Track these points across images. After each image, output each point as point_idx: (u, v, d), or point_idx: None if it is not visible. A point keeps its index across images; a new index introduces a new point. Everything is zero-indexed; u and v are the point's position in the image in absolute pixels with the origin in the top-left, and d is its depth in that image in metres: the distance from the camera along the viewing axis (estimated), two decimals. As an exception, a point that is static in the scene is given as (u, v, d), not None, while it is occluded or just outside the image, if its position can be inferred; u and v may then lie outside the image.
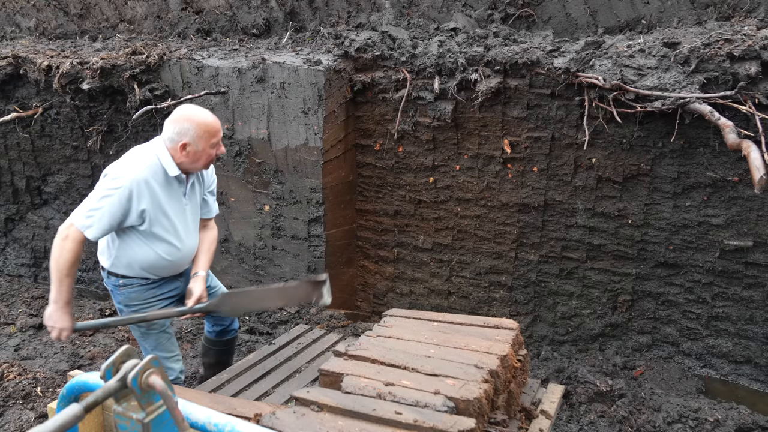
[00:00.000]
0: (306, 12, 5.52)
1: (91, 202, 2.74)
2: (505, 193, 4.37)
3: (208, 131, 2.83)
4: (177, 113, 2.86)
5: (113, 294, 3.06)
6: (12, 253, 6.24)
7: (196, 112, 2.86)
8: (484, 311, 4.65)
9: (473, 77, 4.13)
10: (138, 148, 2.93)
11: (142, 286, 2.99)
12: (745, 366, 3.98)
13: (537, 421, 2.63)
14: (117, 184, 2.74)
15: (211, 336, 3.60)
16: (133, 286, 2.98)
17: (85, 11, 6.51)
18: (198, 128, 2.81)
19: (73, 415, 1.15)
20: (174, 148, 2.84)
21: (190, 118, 2.82)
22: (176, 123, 2.82)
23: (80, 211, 2.74)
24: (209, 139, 2.84)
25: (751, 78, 3.48)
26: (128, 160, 2.84)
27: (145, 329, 3.04)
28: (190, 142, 2.81)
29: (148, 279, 2.99)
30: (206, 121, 2.83)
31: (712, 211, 3.86)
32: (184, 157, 2.85)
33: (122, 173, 2.76)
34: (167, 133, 2.84)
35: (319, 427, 1.97)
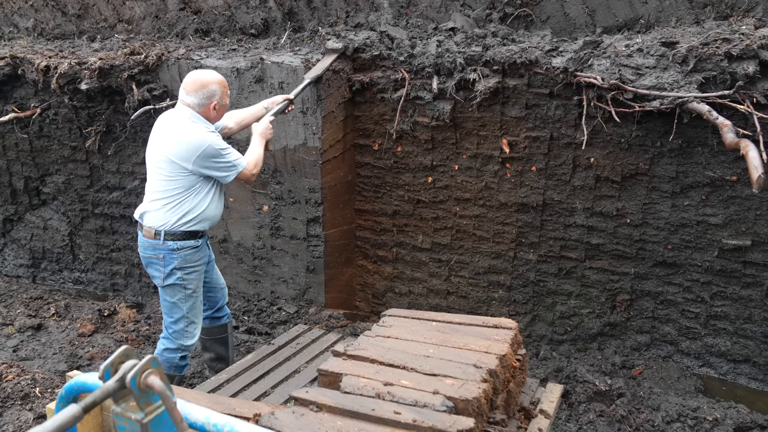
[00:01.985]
0: (304, 12, 5.51)
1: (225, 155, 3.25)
2: (504, 193, 4.37)
3: (226, 86, 3.35)
4: (194, 82, 3.25)
5: (166, 260, 3.31)
6: (10, 253, 6.23)
7: (210, 74, 3.31)
8: (483, 311, 4.66)
9: (472, 77, 4.13)
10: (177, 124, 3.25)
11: (193, 248, 3.35)
12: (744, 365, 3.99)
13: (536, 421, 2.64)
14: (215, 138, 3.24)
15: (205, 324, 3.73)
16: (188, 249, 3.33)
17: (84, 11, 6.50)
18: (221, 86, 3.29)
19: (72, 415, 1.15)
20: (205, 111, 3.26)
21: (212, 80, 3.27)
22: (201, 88, 3.23)
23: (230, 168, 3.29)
24: (227, 92, 3.35)
25: (749, 77, 3.48)
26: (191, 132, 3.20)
27: (192, 290, 3.39)
28: (218, 100, 3.28)
29: (198, 241, 3.37)
30: (222, 78, 3.33)
31: (710, 211, 3.87)
32: (215, 116, 3.33)
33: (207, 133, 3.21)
34: (193, 99, 3.24)
35: (318, 427, 1.97)
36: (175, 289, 3.35)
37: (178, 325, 3.40)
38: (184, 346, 3.43)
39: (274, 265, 4.95)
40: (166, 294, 3.38)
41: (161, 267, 3.31)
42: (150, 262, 3.36)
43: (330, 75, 4.39)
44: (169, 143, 3.22)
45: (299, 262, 4.82)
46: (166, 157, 3.22)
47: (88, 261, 5.93)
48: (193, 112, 3.25)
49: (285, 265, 4.89)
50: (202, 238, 3.41)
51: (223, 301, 3.79)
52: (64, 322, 5.12)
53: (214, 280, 3.70)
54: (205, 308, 3.71)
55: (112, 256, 5.79)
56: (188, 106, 3.25)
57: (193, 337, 3.45)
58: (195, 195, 3.28)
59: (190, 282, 3.37)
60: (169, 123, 3.29)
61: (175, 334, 3.41)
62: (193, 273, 3.37)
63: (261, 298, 5.04)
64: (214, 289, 3.71)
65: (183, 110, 3.27)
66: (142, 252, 3.37)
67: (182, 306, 3.38)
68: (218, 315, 3.79)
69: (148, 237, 3.30)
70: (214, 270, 3.70)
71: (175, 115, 3.29)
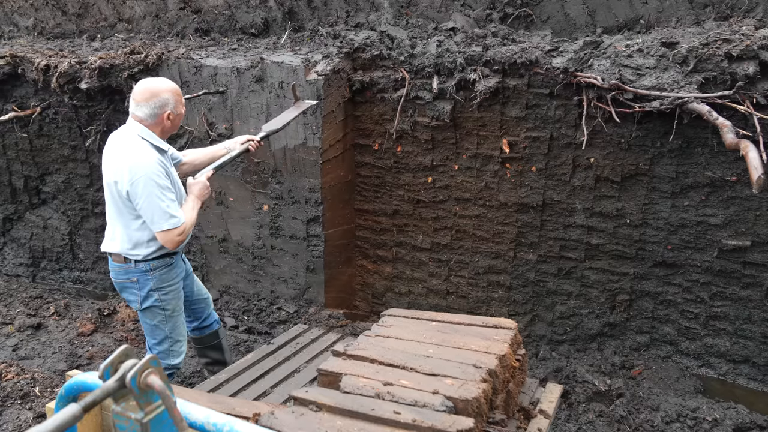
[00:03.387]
0: (304, 11, 5.51)
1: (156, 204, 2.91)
2: (504, 193, 4.37)
3: (180, 94, 3.09)
4: (144, 91, 2.98)
5: (140, 283, 3.14)
6: (10, 252, 6.23)
7: (162, 82, 3.04)
8: (483, 311, 4.66)
9: (472, 77, 4.13)
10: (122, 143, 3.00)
11: (168, 266, 3.18)
12: (743, 365, 3.99)
13: (535, 421, 2.64)
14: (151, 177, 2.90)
15: (194, 335, 3.69)
16: (162, 268, 3.16)
17: (84, 11, 6.50)
18: (173, 94, 3.03)
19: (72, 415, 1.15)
20: (157, 123, 3.01)
21: (163, 88, 3.01)
22: (151, 98, 2.97)
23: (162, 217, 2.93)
24: (182, 100, 3.09)
25: (750, 78, 3.48)
26: (133, 155, 2.94)
27: (171, 311, 3.23)
28: (172, 109, 3.02)
29: (173, 258, 3.20)
30: (175, 87, 3.07)
31: (710, 211, 3.87)
32: (170, 127, 3.07)
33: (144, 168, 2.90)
34: (144, 111, 2.98)
35: (318, 426, 1.97)
36: (154, 312, 3.20)
37: (163, 345, 3.27)
38: (171, 365, 3.31)
39: (273, 264, 4.95)
40: (146, 317, 3.23)
41: (136, 290, 3.14)
42: (124, 287, 3.18)
43: (330, 75, 4.39)
44: (114, 163, 2.98)
45: (299, 261, 4.82)
46: (112, 178, 2.98)
47: (87, 260, 5.92)
48: (144, 127, 3.00)
49: (285, 264, 4.89)
50: (176, 255, 3.22)
51: (207, 311, 3.66)
52: (64, 322, 5.12)
53: (195, 292, 3.56)
54: (191, 320, 3.61)
55: (112, 255, 5.79)
56: (139, 120, 3.00)
57: (179, 356, 3.32)
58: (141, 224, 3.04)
59: (168, 302, 3.20)
60: (117, 141, 3.04)
61: (161, 354, 3.27)
62: (170, 292, 3.21)
63: (261, 298, 5.04)
64: (197, 301, 3.58)
65: (133, 127, 3.01)
66: (115, 278, 3.19)
67: (164, 327, 3.24)
68: (205, 325, 3.68)
69: (118, 262, 3.12)
70: (194, 282, 3.55)
71: (124, 132, 3.04)
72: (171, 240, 2.97)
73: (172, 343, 3.29)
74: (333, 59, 4.45)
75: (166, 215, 2.92)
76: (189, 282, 3.48)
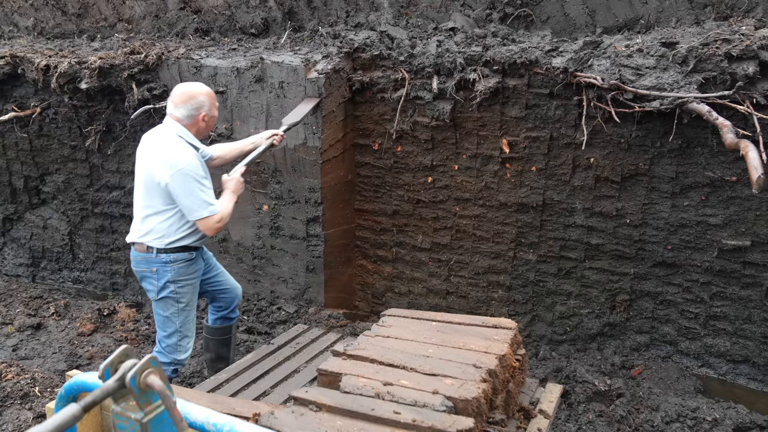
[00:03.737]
0: (304, 11, 5.51)
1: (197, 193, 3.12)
2: (504, 193, 4.37)
3: (215, 97, 3.34)
4: (182, 94, 3.22)
5: (159, 273, 3.27)
6: (10, 252, 6.23)
7: (198, 86, 3.30)
8: (483, 311, 4.66)
9: (472, 77, 4.13)
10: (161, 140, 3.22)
11: (187, 261, 3.31)
12: (743, 365, 3.99)
13: (535, 421, 2.64)
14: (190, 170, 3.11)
15: (215, 324, 3.80)
16: (181, 262, 3.28)
17: (84, 11, 6.50)
18: (209, 98, 3.28)
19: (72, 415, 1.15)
20: (193, 123, 3.24)
21: (200, 92, 3.25)
22: (189, 100, 3.21)
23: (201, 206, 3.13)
24: (215, 104, 3.34)
25: (749, 78, 3.49)
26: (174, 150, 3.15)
27: (185, 304, 3.35)
28: (207, 111, 3.26)
29: (192, 252, 3.32)
30: (210, 90, 3.32)
31: (710, 211, 3.87)
32: (204, 128, 3.30)
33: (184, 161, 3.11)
34: (181, 112, 3.21)
35: (318, 426, 1.97)
36: (168, 303, 3.33)
37: (172, 339, 3.37)
38: (177, 360, 3.40)
39: (273, 264, 4.95)
40: (159, 308, 3.35)
41: (154, 280, 3.28)
42: (144, 276, 3.33)
43: (331, 73, 4.39)
44: (153, 158, 3.19)
45: (299, 261, 4.82)
46: (149, 172, 3.20)
47: (87, 260, 5.92)
48: (181, 127, 3.22)
49: (285, 264, 4.89)
50: (196, 251, 3.37)
51: (235, 303, 3.79)
52: (64, 322, 5.12)
53: (224, 281, 3.70)
54: (220, 308, 3.75)
55: (112, 255, 5.79)
56: (177, 120, 3.22)
57: (186, 351, 3.42)
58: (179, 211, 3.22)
59: (183, 295, 3.33)
60: (155, 138, 3.26)
61: (168, 348, 3.38)
62: (186, 286, 3.34)
63: (260, 298, 5.04)
64: (228, 289, 3.72)
65: (171, 126, 3.24)
66: (135, 267, 3.34)
67: (175, 320, 3.36)
68: (230, 316, 3.80)
69: (141, 251, 3.28)
70: (221, 272, 3.70)
71: (162, 131, 3.27)
72: (210, 227, 3.18)
73: (181, 337, 3.39)
74: (333, 58, 4.45)
75: (205, 204, 3.14)
76: (215, 272, 3.65)
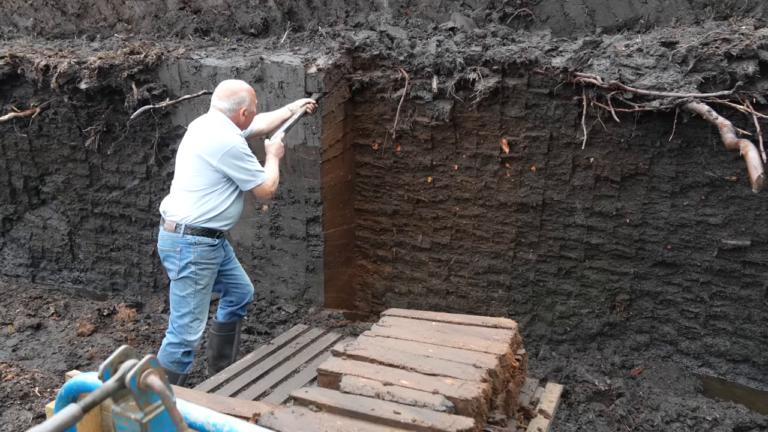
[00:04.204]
0: (304, 11, 5.51)
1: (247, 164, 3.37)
2: (504, 193, 4.37)
3: (254, 95, 3.55)
4: (227, 90, 3.45)
5: (182, 254, 3.41)
6: (10, 253, 6.23)
7: (240, 83, 3.52)
8: (483, 311, 4.66)
9: (471, 77, 4.13)
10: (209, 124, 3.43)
11: (210, 246, 3.45)
12: (743, 365, 3.99)
13: (535, 421, 2.64)
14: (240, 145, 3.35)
15: (221, 320, 3.88)
16: (205, 245, 3.42)
17: (83, 11, 6.50)
18: (250, 94, 3.50)
19: (71, 415, 1.15)
20: (234, 116, 3.45)
21: (242, 88, 3.47)
22: (232, 95, 3.43)
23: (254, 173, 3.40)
24: (255, 101, 3.55)
25: (749, 77, 3.49)
26: (222, 132, 3.37)
27: (203, 286, 3.48)
28: (247, 107, 3.47)
29: (215, 240, 3.47)
30: (251, 88, 3.53)
31: (710, 211, 3.87)
32: (243, 121, 3.50)
33: (234, 139, 3.35)
34: (225, 105, 3.43)
35: (318, 426, 1.97)
36: (186, 283, 3.45)
37: (184, 319, 3.48)
38: (187, 341, 3.50)
39: (273, 264, 4.95)
40: (177, 288, 3.48)
41: (177, 260, 3.42)
42: (167, 255, 3.47)
43: (331, 69, 4.38)
44: (200, 140, 3.40)
45: (299, 261, 4.82)
46: (196, 153, 3.38)
47: (87, 260, 5.92)
48: (225, 116, 3.44)
49: (284, 264, 4.89)
50: (219, 238, 3.51)
51: (247, 300, 3.89)
52: (64, 322, 5.11)
53: (240, 276, 3.83)
54: (232, 302, 3.84)
55: (112, 255, 5.79)
56: (220, 110, 3.45)
57: (196, 333, 3.53)
58: (218, 193, 3.41)
59: (202, 278, 3.46)
60: (202, 124, 3.48)
61: (180, 328, 3.49)
62: (206, 270, 3.48)
63: (260, 298, 5.04)
64: (242, 285, 3.84)
65: (216, 114, 3.47)
66: (161, 245, 3.48)
67: (191, 301, 3.48)
68: (240, 312, 3.90)
69: (169, 230, 3.43)
70: (238, 267, 3.84)
71: (208, 118, 3.50)
72: (266, 191, 3.47)
73: (193, 319, 3.49)
74: (334, 54, 4.46)
75: (257, 173, 3.42)
76: (234, 266, 3.79)
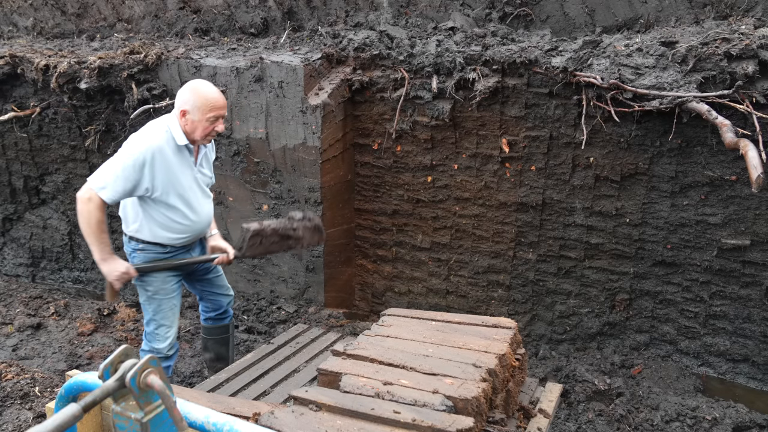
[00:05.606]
0: (304, 11, 5.51)
1: (109, 166, 2.94)
2: (504, 192, 4.38)
3: (205, 103, 2.98)
4: (186, 84, 3.07)
5: (131, 258, 3.23)
6: (10, 252, 6.23)
7: (202, 84, 3.06)
8: (483, 310, 4.66)
9: (471, 76, 4.13)
10: (155, 120, 3.13)
11: (159, 253, 3.20)
12: (743, 364, 3.99)
13: (535, 420, 2.64)
14: (134, 150, 2.94)
15: (207, 324, 3.74)
16: (150, 252, 3.18)
17: (83, 10, 6.50)
18: (197, 99, 2.98)
19: (72, 414, 1.15)
20: (178, 116, 3.04)
21: (194, 88, 3.02)
22: (182, 92, 3.04)
23: (98, 173, 2.93)
24: (206, 111, 2.99)
25: (749, 77, 3.49)
26: (146, 130, 3.04)
27: (152, 293, 3.24)
28: (189, 110, 3.00)
29: (165, 248, 3.20)
30: (206, 94, 3.01)
31: (709, 210, 3.87)
32: (183, 125, 3.04)
33: (140, 141, 2.97)
34: (176, 101, 3.06)
35: (318, 426, 1.97)
36: (139, 289, 3.28)
37: (149, 326, 3.33)
38: (155, 349, 3.31)
39: (273, 264, 4.95)
40: (138, 293, 3.33)
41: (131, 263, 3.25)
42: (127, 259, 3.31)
43: (331, 74, 4.39)
44: None
45: (299, 261, 4.82)
46: None
47: (87, 260, 5.92)
48: (173, 117, 3.08)
49: (284, 264, 4.90)
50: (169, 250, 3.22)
51: (226, 305, 3.73)
52: (64, 322, 5.11)
53: (216, 284, 3.63)
54: (208, 310, 3.70)
55: (112, 255, 5.79)
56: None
57: (164, 340, 3.32)
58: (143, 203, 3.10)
59: (149, 284, 3.23)
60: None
61: (148, 336, 3.34)
62: (152, 277, 3.22)
63: (260, 298, 5.04)
64: (216, 294, 3.65)
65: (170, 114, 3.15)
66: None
67: (148, 308, 3.30)
68: (221, 317, 3.75)
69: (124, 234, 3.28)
70: (218, 276, 3.62)
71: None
72: (80, 195, 2.94)
73: (157, 326, 3.31)
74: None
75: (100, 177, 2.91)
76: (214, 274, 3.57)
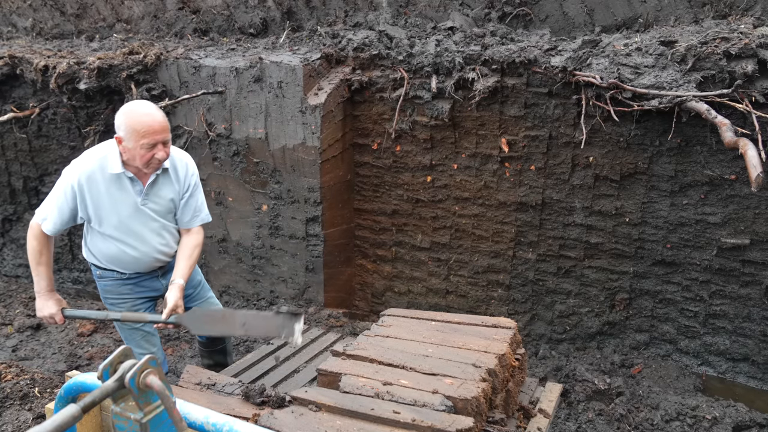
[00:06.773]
0: (303, 11, 5.51)
1: (50, 196, 2.82)
2: (503, 192, 4.38)
3: (138, 129, 2.62)
4: (122, 106, 2.73)
5: (97, 282, 3.14)
6: (9, 253, 6.23)
7: (137, 107, 2.70)
8: (482, 310, 4.66)
9: (470, 76, 4.13)
10: (97, 146, 2.89)
11: (117, 280, 3.03)
12: (743, 363, 3.99)
13: (535, 420, 2.64)
14: (64, 179, 2.76)
15: (201, 339, 3.66)
16: (108, 279, 3.03)
17: (82, 11, 6.50)
18: (130, 123, 2.63)
19: (71, 415, 1.15)
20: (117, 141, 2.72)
21: (128, 112, 2.66)
22: (117, 115, 2.69)
23: (43, 204, 2.84)
24: (139, 138, 2.63)
25: (748, 76, 3.49)
26: (80, 158, 2.81)
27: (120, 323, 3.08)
28: (123, 137, 2.66)
29: (123, 273, 3.01)
30: (139, 118, 2.63)
31: (709, 209, 3.87)
32: (122, 152, 2.72)
33: (70, 170, 2.76)
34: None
35: (318, 426, 1.97)
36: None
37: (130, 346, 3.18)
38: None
39: (273, 264, 4.95)
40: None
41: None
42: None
43: (330, 74, 4.39)
44: None
45: (298, 261, 4.82)
46: None
47: (86, 261, 5.92)
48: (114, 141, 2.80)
49: (284, 264, 4.89)
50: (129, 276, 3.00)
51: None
52: (64, 322, 5.11)
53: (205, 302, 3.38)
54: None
55: (111, 255, 5.79)
56: None
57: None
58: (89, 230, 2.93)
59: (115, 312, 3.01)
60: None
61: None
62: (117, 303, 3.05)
63: (260, 298, 5.04)
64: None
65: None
66: None
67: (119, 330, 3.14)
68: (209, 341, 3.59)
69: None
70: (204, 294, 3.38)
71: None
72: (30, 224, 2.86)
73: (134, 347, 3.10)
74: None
75: (43, 208, 2.83)
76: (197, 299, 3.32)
